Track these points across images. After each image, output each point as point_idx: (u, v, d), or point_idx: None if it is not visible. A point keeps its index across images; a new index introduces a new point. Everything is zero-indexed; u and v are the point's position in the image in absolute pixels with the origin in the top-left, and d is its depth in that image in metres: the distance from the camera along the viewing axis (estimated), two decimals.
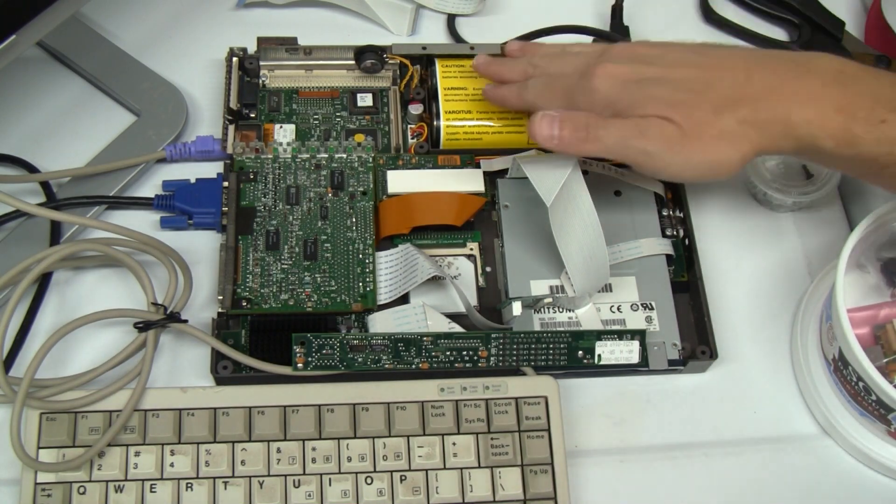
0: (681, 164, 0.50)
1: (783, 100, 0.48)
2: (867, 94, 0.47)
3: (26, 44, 0.52)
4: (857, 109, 0.47)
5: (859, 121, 0.46)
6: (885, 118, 0.46)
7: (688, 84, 0.50)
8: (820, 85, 0.48)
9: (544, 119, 0.52)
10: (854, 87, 0.47)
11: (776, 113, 0.48)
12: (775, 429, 0.57)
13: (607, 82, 0.51)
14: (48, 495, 0.50)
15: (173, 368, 0.56)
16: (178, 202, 0.59)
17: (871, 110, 0.46)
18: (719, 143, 0.49)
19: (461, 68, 0.63)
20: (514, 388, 0.54)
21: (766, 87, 0.49)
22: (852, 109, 0.47)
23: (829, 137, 0.47)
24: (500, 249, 0.59)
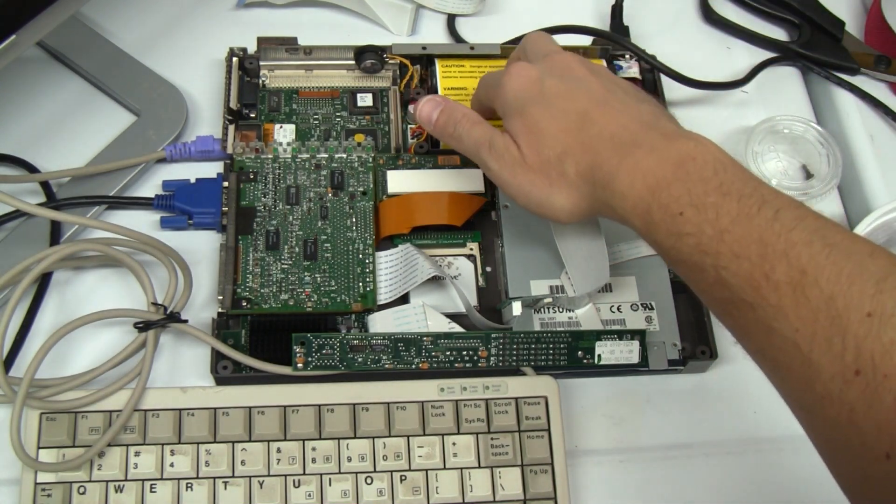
0: (515, 191, 0.50)
1: (619, 168, 0.44)
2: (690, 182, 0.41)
3: (26, 44, 0.52)
4: (665, 195, 0.42)
5: (660, 207, 0.42)
6: (683, 211, 0.41)
7: (564, 117, 0.47)
8: (657, 162, 0.43)
9: (429, 103, 0.54)
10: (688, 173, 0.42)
11: (606, 178, 0.45)
12: (775, 429, 0.57)
13: (512, 81, 0.50)
14: (48, 495, 0.50)
15: (173, 368, 0.56)
16: (178, 202, 0.59)
17: (677, 199, 0.41)
18: (553, 187, 0.48)
19: (461, 68, 0.63)
20: (514, 388, 0.54)
21: (619, 150, 0.45)
22: (661, 194, 0.42)
23: (635, 217, 0.43)
24: (500, 249, 0.59)
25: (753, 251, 0.38)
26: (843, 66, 0.71)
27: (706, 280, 0.41)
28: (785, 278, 0.37)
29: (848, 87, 0.70)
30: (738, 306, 0.39)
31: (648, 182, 0.42)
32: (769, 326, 0.38)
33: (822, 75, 0.71)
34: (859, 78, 0.71)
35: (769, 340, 0.38)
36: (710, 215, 0.40)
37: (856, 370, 0.35)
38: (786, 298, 0.37)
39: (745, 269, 0.38)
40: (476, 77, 0.63)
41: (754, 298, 0.38)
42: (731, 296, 0.39)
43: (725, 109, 0.69)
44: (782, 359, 0.38)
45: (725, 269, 0.39)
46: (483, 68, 0.63)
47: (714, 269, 0.40)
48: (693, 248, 0.40)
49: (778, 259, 0.37)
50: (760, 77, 0.69)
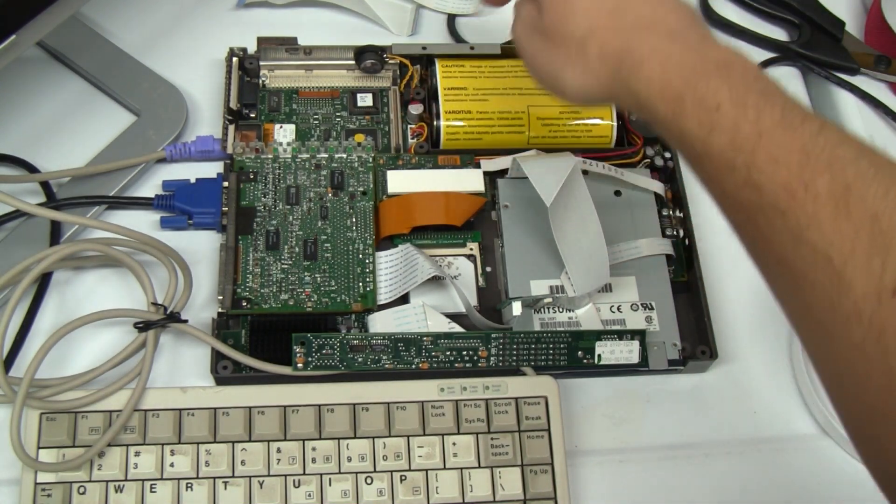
0: (527, 58, 0.48)
1: (653, 55, 0.42)
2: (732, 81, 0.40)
3: (26, 44, 0.52)
4: (702, 87, 0.40)
5: (695, 98, 0.40)
6: (720, 104, 0.39)
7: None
8: (698, 58, 0.41)
9: None
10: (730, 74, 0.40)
11: (635, 63, 0.43)
12: (775, 429, 0.57)
13: None
14: (48, 495, 0.50)
15: (173, 368, 0.56)
16: (178, 202, 0.59)
17: (715, 92, 0.39)
18: (568, 64, 0.45)
19: (461, 68, 0.63)
20: (514, 388, 0.54)
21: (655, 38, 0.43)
22: (698, 85, 0.40)
23: (662, 102, 0.41)
24: (500, 249, 0.59)
25: (794, 159, 0.36)
26: (843, 66, 0.71)
27: (734, 181, 0.38)
28: (826, 190, 0.35)
29: (848, 87, 0.70)
30: (767, 212, 0.37)
31: (684, 73, 0.41)
32: (799, 236, 0.36)
33: (822, 75, 0.71)
34: (859, 78, 0.71)
35: (797, 251, 0.36)
36: (749, 115, 0.38)
37: (893, 290, 0.33)
38: (824, 210, 0.35)
39: (782, 175, 0.36)
40: (476, 77, 0.63)
41: (788, 205, 0.36)
42: (759, 201, 0.37)
43: None
44: (809, 272, 0.36)
45: (760, 172, 0.37)
46: (483, 68, 0.63)
47: (746, 170, 0.38)
48: (726, 144, 0.38)
49: (821, 170, 0.36)
50: None
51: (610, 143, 0.63)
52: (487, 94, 0.62)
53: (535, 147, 0.62)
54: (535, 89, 0.63)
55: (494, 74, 0.63)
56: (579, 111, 0.63)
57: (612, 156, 0.62)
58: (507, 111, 0.62)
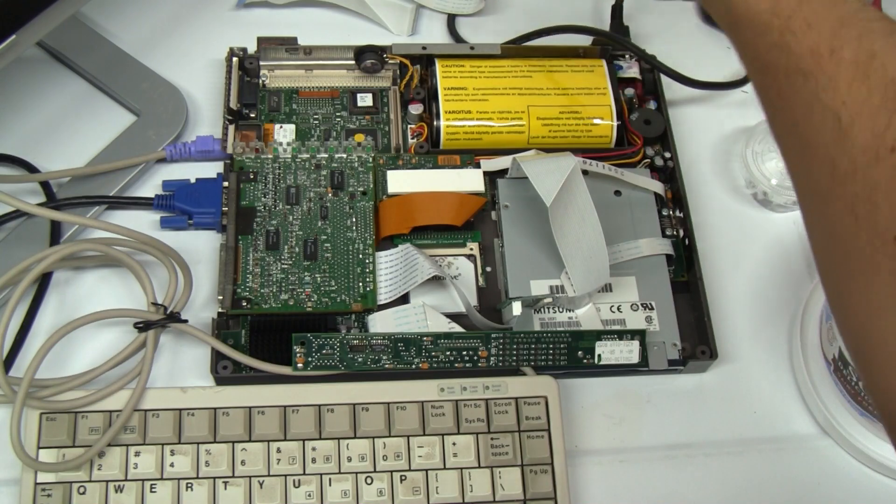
0: None
1: None
2: None
3: (26, 44, 0.52)
4: None
5: None
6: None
7: None
8: None
9: None
10: None
11: None
12: (775, 429, 0.57)
13: None
14: (48, 495, 0.50)
15: (173, 368, 0.56)
16: (178, 202, 0.59)
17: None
18: None
19: (461, 68, 0.63)
20: (514, 388, 0.54)
21: None
22: None
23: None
24: (500, 249, 0.59)
25: (827, 26, 0.37)
26: None
27: (765, 42, 0.39)
28: (851, 56, 0.36)
29: None
30: (790, 74, 0.38)
31: None
32: (815, 97, 0.37)
33: None
34: None
35: (809, 112, 0.37)
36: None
37: (892, 147, 0.34)
38: (845, 73, 0.36)
39: (812, 39, 0.38)
40: (476, 77, 0.63)
41: (812, 68, 0.37)
42: (786, 63, 0.38)
43: (725, 109, 0.69)
44: (816, 132, 0.37)
45: (792, 35, 0.38)
46: (483, 68, 0.63)
47: (780, 33, 0.39)
48: (768, 7, 0.39)
49: (850, 39, 0.37)
50: None
51: (610, 143, 0.63)
52: (487, 94, 0.62)
53: (535, 147, 0.62)
54: (535, 89, 0.63)
55: (494, 74, 0.63)
56: (579, 111, 0.63)
57: (612, 156, 0.62)
58: (507, 111, 0.62)
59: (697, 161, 0.66)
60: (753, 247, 0.63)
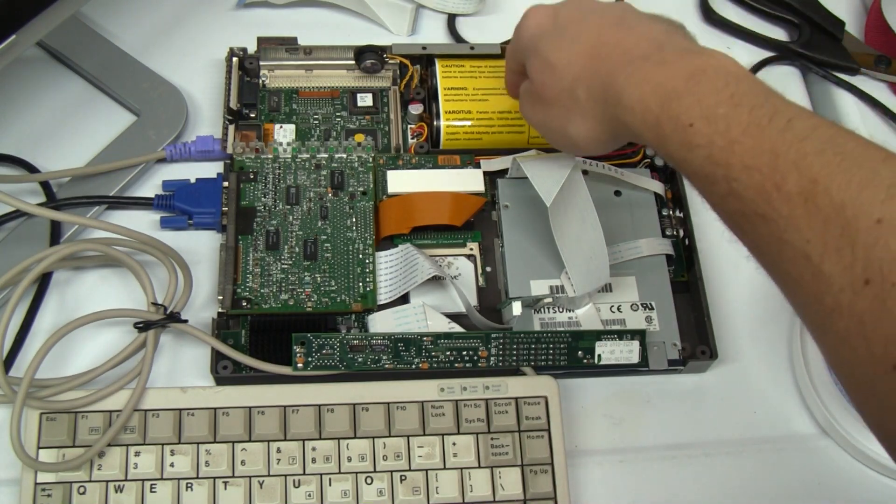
0: (536, 126, 0.51)
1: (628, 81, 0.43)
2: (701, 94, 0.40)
3: (26, 44, 0.52)
4: (675, 106, 0.41)
5: (670, 119, 0.41)
6: (693, 122, 0.40)
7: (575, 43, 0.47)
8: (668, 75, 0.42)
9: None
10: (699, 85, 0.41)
11: (616, 94, 0.44)
12: (775, 429, 0.57)
13: (526, 21, 0.51)
14: (48, 495, 0.50)
15: (173, 368, 0.56)
16: (178, 202, 0.59)
17: (687, 110, 0.40)
18: (568, 116, 0.47)
19: (461, 68, 0.63)
20: (514, 388, 0.54)
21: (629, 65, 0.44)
22: (671, 105, 0.41)
23: (646, 130, 0.42)
24: (500, 249, 0.59)
25: (764, 162, 0.37)
26: (842, 66, 0.71)
27: (718, 192, 0.40)
28: (796, 189, 0.36)
29: (847, 87, 0.70)
30: (751, 219, 0.38)
31: (658, 94, 0.42)
32: (781, 239, 0.37)
33: (822, 75, 0.71)
34: (859, 78, 0.71)
35: (781, 253, 0.37)
36: (720, 126, 0.39)
37: (865, 280, 0.34)
38: (797, 209, 0.36)
39: (756, 180, 0.38)
40: (476, 77, 0.63)
41: (766, 210, 0.37)
42: (743, 208, 0.38)
43: None
44: (794, 271, 0.37)
45: (737, 181, 0.38)
46: (483, 68, 0.63)
47: (725, 182, 0.39)
48: (704, 159, 0.40)
49: (789, 169, 0.37)
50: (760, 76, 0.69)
51: None
52: (487, 94, 0.62)
53: (535, 147, 0.62)
54: None
55: (494, 74, 0.63)
56: None
57: (612, 156, 0.62)
58: (507, 111, 0.62)
59: None
60: None
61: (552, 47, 0.48)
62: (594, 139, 0.47)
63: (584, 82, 0.46)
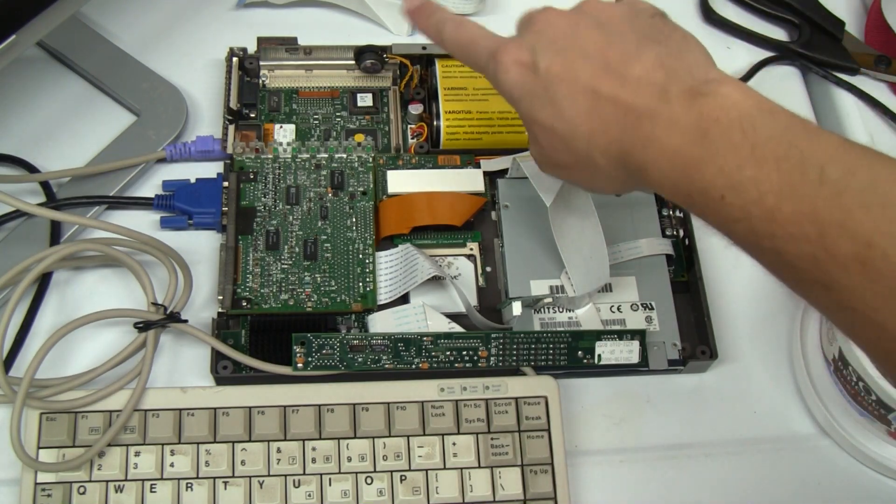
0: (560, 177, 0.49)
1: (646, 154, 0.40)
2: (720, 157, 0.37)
3: (26, 44, 0.52)
4: (699, 180, 0.38)
5: (700, 193, 0.38)
6: (723, 195, 0.37)
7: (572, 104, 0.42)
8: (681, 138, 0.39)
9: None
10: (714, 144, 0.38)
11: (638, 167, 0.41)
12: (775, 429, 0.57)
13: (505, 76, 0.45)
14: (48, 495, 0.50)
15: (173, 368, 0.56)
16: (178, 202, 0.59)
17: (713, 182, 0.37)
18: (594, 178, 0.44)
19: (461, 68, 0.63)
20: (514, 388, 0.54)
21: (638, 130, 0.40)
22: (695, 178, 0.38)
23: (681, 203, 0.40)
24: (500, 249, 0.59)
25: (809, 230, 0.35)
26: (842, 65, 0.71)
27: (769, 261, 0.37)
28: (850, 254, 0.34)
29: (847, 87, 0.70)
30: (811, 287, 0.36)
31: (677, 165, 0.39)
32: (847, 307, 0.35)
33: (822, 75, 0.71)
34: (859, 78, 0.71)
35: (852, 320, 0.35)
36: (752, 195, 0.36)
37: None
38: (855, 277, 0.34)
39: (805, 249, 0.35)
40: (476, 77, 0.63)
41: (824, 279, 0.35)
42: (800, 277, 0.36)
43: None
44: (870, 336, 0.35)
45: (787, 253, 0.36)
46: None
47: (774, 253, 0.36)
48: (747, 232, 0.37)
49: (838, 234, 0.34)
50: (760, 76, 0.69)
51: None
52: (487, 94, 0.62)
53: None
54: None
55: None
56: None
57: None
58: (507, 111, 0.62)
59: None
60: None
61: (548, 114, 0.43)
62: (626, 189, 0.45)
63: (599, 149, 0.42)
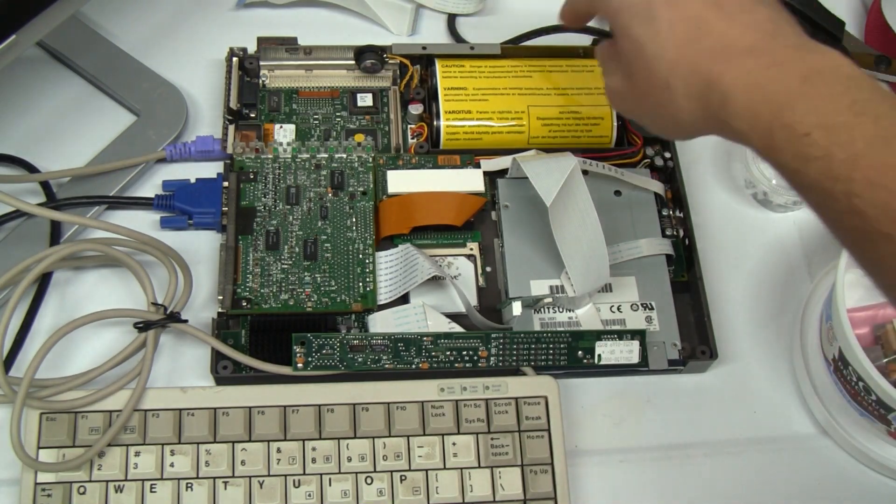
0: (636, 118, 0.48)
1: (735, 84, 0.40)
2: (818, 99, 0.38)
3: (26, 44, 0.52)
4: (788, 114, 0.38)
5: (783, 127, 0.38)
6: (809, 132, 0.37)
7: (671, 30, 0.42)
8: (780, 76, 0.39)
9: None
10: (816, 88, 0.38)
11: (722, 97, 0.41)
12: (775, 429, 0.57)
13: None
14: (48, 495, 0.50)
15: (173, 368, 0.56)
16: (178, 202, 0.59)
17: (803, 118, 0.37)
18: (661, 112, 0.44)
19: (461, 68, 0.63)
20: (514, 388, 0.54)
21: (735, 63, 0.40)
22: (784, 112, 0.38)
23: (755, 137, 0.40)
24: (500, 249, 0.59)
25: (892, 178, 0.35)
26: None
27: (836, 208, 0.37)
28: None
29: None
30: (873, 238, 0.36)
31: (769, 98, 0.38)
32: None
33: None
34: None
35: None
36: (841, 137, 0.36)
37: None
38: None
39: (881, 197, 0.35)
40: (476, 77, 0.63)
41: (893, 230, 0.35)
42: (864, 226, 0.36)
43: None
44: None
45: (859, 198, 0.35)
46: (483, 68, 0.63)
47: (846, 197, 0.36)
48: (822, 173, 0.36)
49: None
50: None
51: (610, 143, 0.63)
52: (487, 94, 0.62)
53: (535, 147, 0.62)
54: (535, 89, 0.63)
55: (494, 74, 0.63)
56: (579, 111, 0.63)
57: (611, 156, 0.62)
58: (507, 111, 0.62)
59: (697, 161, 0.66)
60: (753, 247, 0.63)
61: (643, 31, 0.43)
62: (692, 132, 0.44)
63: (682, 75, 0.42)
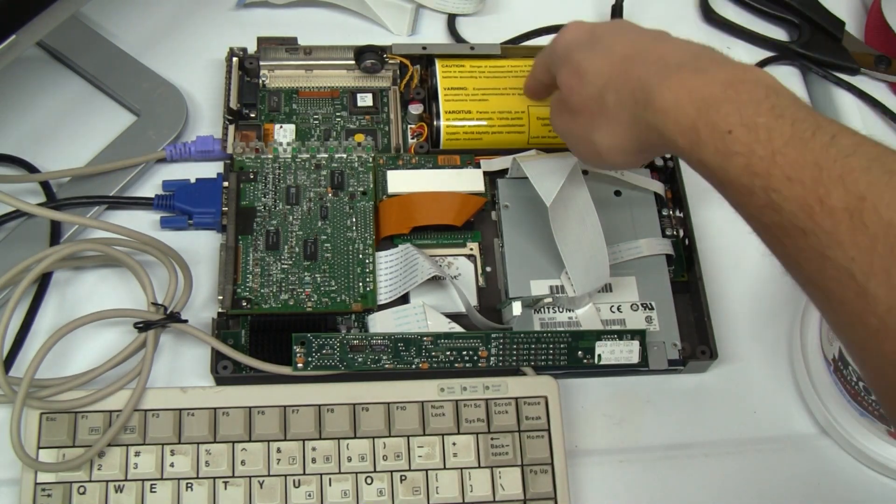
0: (561, 135, 0.51)
1: (661, 85, 0.42)
2: (740, 103, 0.39)
3: (26, 44, 0.52)
4: (713, 113, 0.40)
5: (707, 125, 0.40)
6: (732, 129, 0.39)
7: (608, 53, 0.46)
8: (705, 82, 0.41)
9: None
10: (738, 93, 0.40)
11: (647, 96, 0.42)
12: (775, 429, 0.57)
13: (565, 33, 0.50)
14: (48, 495, 0.50)
15: (173, 368, 0.56)
16: (178, 202, 0.59)
17: (726, 117, 0.39)
18: (594, 123, 0.47)
19: (461, 68, 0.63)
20: (514, 388, 0.54)
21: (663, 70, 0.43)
22: (708, 111, 0.40)
23: (679, 134, 0.41)
24: (500, 249, 0.59)
25: (807, 175, 0.36)
26: (842, 66, 0.71)
27: (755, 203, 0.39)
28: (841, 204, 0.35)
29: (847, 87, 0.70)
30: (790, 232, 0.37)
31: (694, 98, 0.41)
32: (822, 254, 0.36)
33: (822, 75, 0.71)
34: (859, 78, 0.71)
35: (822, 270, 0.36)
36: (761, 136, 0.38)
37: None
38: (841, 225, 0.35)
39: (797, 192, 0.37)
40: (476, 77, 0.63)
41: (807, 224, 0.36)
42: (781, 220, 0.37)
43: None
44: (835, 289, 0.36)
45: (777, 193, 0.37)
46: (483, 68, 0.63)
47: (764, 192, 0.38)
48: (742, 168, 0.38)
49: (834, 184, 0.36)
50: None
51: None
52: (487, 94, 0.62)
53: (535, 147, 0.62)
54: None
55: (494, 74, 0.63)
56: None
57: None
58: (507, 111, 0.62)
59: None
60: (753, 247, 0.63)
61: (584, 56, 0.47)
62: (619, 147, 0.46)
63: (614, 87, 0.45)
